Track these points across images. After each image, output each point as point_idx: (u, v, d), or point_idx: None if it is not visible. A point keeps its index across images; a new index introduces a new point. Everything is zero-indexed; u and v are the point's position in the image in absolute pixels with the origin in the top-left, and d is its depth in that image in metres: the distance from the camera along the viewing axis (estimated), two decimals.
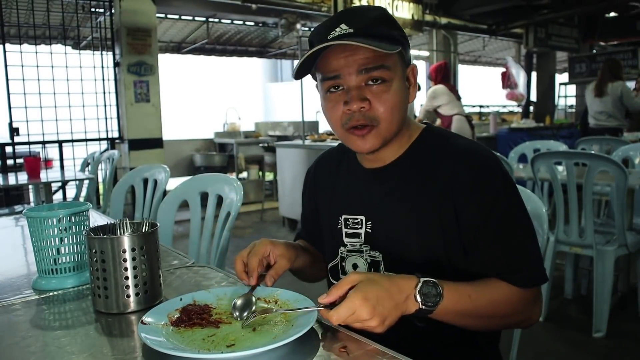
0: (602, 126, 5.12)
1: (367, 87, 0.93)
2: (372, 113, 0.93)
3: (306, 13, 6.43)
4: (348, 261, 1.06)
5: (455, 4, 7.60)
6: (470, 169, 0.93)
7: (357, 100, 0.92)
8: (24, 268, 1.25)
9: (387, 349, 0.74)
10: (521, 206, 0.94)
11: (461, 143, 0.97)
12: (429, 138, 1.02)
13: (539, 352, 2.41)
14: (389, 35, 0.93)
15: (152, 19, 5.26)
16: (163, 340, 0.75)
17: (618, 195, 2.41)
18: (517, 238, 0.92)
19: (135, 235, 0.92)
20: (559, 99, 9.89)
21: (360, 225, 1.03)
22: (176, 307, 0.87)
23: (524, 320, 0.95)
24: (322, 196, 1.15)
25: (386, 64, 0.92)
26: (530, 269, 0.91)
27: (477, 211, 0.91)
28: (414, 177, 0.98)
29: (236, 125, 7.96)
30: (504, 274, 0.90)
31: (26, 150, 4.90)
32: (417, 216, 0.96)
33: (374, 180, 1.03)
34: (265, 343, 0.72)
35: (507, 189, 0.94)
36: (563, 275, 3.05)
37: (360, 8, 0.99)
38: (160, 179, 2.27)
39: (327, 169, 1.16)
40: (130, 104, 5.14)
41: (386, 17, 0.95)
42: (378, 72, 0.92)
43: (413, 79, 1.00)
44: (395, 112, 0.94)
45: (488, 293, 0.88)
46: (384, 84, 0.92)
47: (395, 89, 0.94)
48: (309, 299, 0.86)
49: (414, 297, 0.80)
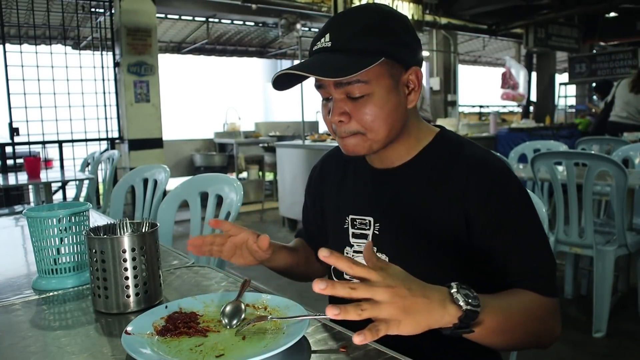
0: (629, 123, 5.08)
1: (348, 100, 0.92)
2: (352, 127, 0.92)
3: (306, 13, 6.43)
4: None
5: (455, 4, 7.60)
6: (484, 177, 0.92)
7: (337, 114, 0.92)
8: (24, 268, 1.25)
9: (387, 349, 0.74)
10: (536, 216, 0.93)
11: (476, 151, 0.96)
12: (442, 143, 1.00)
13: (539, 352, 2.41)
14: (366, 50, 0.88)
15: (152, 19, 5.26)
16: (148, 352, 0.71)
17: (618, 195, 2.41)
18: (535, 245, 0.91)
19: (135, 235, 0.92)
20: (559, 99, 9.88)
21: (369, 227, 1.02)
22: (161, 315, 0.84)
23: (546, 334, 0.89)
24: (329, 195, 1.14)
25: (362, 79, 0.88)
26: (549, 276, 0.90)
27: (491, 217, 0.90)
28: (425, 182, 0.97)
29: (236, 125, 7.96)
30: (525, 280, 0.88)
31: (26, 150, 4.91)
32: (427, 221, 0.95)
33: (384, 182, 1.02)
34: (256, 353, 0.70)
35: (522, 197, 0.93)
36: (563, 276, 3.05)
37: (351, 13, 0.93)
38: (160, 179, 2.27)
39: (334, 168, 1.15)
40: (130, 104, 5.15)
41: (374, 25, 0.90)
42: (353, 87, 0.89)
43: (414, 83, 0.95)
44: (379, 122, 0.91)
45: (519, 301, 0.84)
46: (362, 98, 0.90)
47: (378, 101, 0.90)
48: (299, 305, 0.84)
49: (453, 300, 0.69)
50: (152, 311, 0.85)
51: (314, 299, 0.67)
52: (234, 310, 0.83)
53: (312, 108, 7.08)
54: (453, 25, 7.85)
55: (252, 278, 1.02)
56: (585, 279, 3.10)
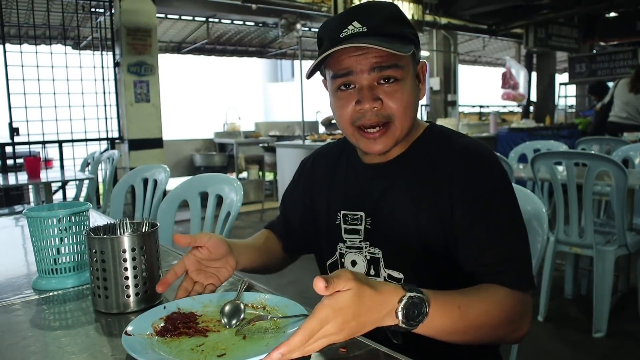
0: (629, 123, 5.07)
1: (380, 86, 0.93)
2: (385, 112, 0.93)
3: (306, 13, 6.43)
4: (347, 258, 1.05)
5: (455, 4, 7.61)
6: (468, 165, 0.93)
7: (370, 100, 0.92)
8: (24, 268, 1.25)
9: (387, 349, 0.74)
10: (516, 208, 0.93)
11: (462, 141, 0.97)
12: (431, 136, 1.02)
13: (539, 352, 2.41)
14: (401, 35, 0.93)
15: (152, 19, 5.27)
16: (150, 353, 0.71)
17: (618, 195, 2.41)
18: (510, 238, 0.90)
19: (135, 235, 0.92)
20: (559, 99, 9.89)
21: (360, 222, 1.03)
22: (160, 315, 0.83)
23: (513, 331, 0.87)
24: (319, 191, 1.14)
25: (399, 64, 0.92)
26: (521, 270, 0.89)
27: (471, 207, 0.91)
28: (415, 174, 0.98)
29: (236, 125, 7.96)
30: (494, 273, 0.87)
31: (26, 150, 4.90)
32: (417, 213, 0.95)
33: (374, 176, 1.03)
34: (258, 351, 0.70)
35: (504, 187, 0.93)
36: (563, 275, 3.05)
37: (372, 5, 0.96)
38: (160, 179, 2.27)
39: (326, 164, 1.15)
40: (130, 104, 5.15)
41: (399, 15, 0.95)
42: (391, 71, 0.91)
43: (422, 76, 1.00)
44: (409, 110, 0.94)
45: (479, 300, 0.82)
46: (396, 82, 0.92)
47: (408, 88, 0.94)
48: (299, 304, 0.83)
49: (395, 314, 0.71)
50: (150, 312, 0.85)
51: (315, 299, 0.66)
52: (233, 309, 0.83)
53: (312, 108, 7.08)
54: (453, 25, 7.84)
55: (252, 278, 1.02)
56: (585, 279, 3.10)
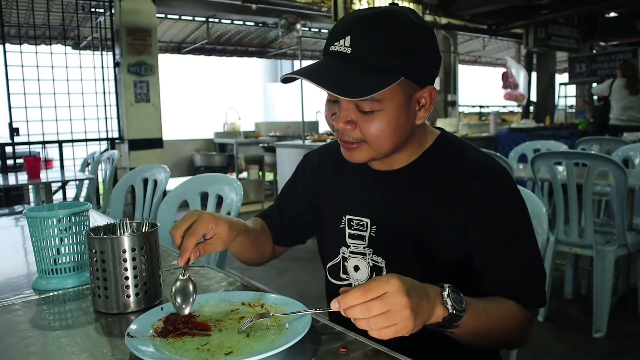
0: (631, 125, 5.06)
1: (357, 110, 0.89)
2: (357, 135, 0.91)
3: (306, 13, 6.43)
4: (350, 262, 1.04)
5: (455, 4, 7.61)
6: (484, 185, 0.92)
7: (343, 121, 0.90)
8: (24, 268, 1.25)
9: (387, 349, 0.74)
10: (530, 226, 0.94)
11: (476, 156, 0.96)
12: (443, 146, 0.99)
13: (539, 352, 2.41)
14: (388, 68, 0.85)
15: (152, 19, 5.27)
16: (157, 353, 0.72)
17: (618, 195, 2.41)
18: (526, 259, 0.92)
19: (135, 235, 0.92)
20: (559, 99, 9.89)
21: (365, 228, 1.01)
22: (159, 317, 0.83)
23: (518, 339, 0.95)
24: (325, 191, 1.12)
25: (376, 97, 0.86)
26: (537, 291, 0.92)
27: (488, 229, 0.91)
28: (424, 186, 0.96)
29: (236, 125, 7.96)
30: (513, 292, 0.90)
31: (26, 150, 4.91)
32: (425, 226, 0.95)
33: (382, 184, 1.01)
34: (266, 348, 0.71)
35: (519, 208, 0.94)
36: (563, 275, 3.05)
37: (379, 19, 0.87)
38: (160, 179, 2.27)
39: (333, 164, 1.13)
40: (130, 104, 5.15)
41: (398, 40, 0.85)
42: (366, 104, 0.87)
43: (426, 101, 0.92)
44: (385, 137, 0.90)
45: (498, 307, 0.88)
46: (374, 113, 0.88)
47: (388, 117, 0.88)
48: (297, 301, 0.85)
49: (442, 302, 0.76)
50: (149, 313, 0.85)
51: (316, 299, 0.66)
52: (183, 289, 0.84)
53: (312, 108, 7.08)
54: (453, 25, 7.85)
55: (252, 278, 1.02)
56: (585, 279, 3.10)
